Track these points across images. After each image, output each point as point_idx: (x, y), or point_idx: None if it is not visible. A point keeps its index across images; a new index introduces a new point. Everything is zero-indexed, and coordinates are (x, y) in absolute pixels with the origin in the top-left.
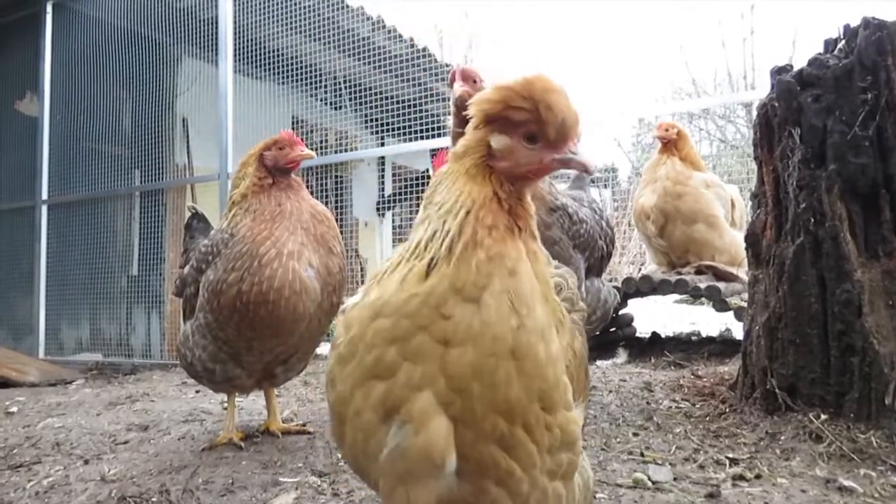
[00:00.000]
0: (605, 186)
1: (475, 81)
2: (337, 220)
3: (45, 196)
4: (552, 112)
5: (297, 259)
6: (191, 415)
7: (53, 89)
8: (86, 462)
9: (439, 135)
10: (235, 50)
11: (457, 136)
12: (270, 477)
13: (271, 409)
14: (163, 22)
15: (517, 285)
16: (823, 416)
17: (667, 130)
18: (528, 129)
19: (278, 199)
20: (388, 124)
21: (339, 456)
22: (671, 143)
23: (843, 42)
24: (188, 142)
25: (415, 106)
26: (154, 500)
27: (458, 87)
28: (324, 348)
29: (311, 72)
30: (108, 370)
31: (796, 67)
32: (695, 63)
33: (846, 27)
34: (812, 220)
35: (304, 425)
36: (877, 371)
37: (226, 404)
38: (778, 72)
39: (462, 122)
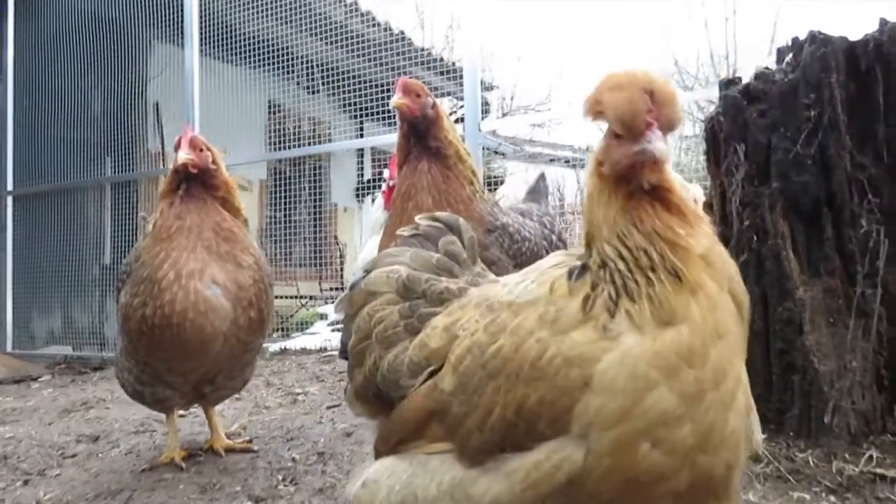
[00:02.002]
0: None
1: (418, 95)
2: (315, 205)
3: (9, 187)
4: (611, 109)
5: (199, 278)
6: (143, 424)
7: (17, 75)
8: (25, 483)
9: None
10: (207, 34)
11: (399, 149)
12: (206, 503)
13: (212, 427)
14: (131, 5)
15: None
16: (763, 436)
17: None
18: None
19: (179, 211)
20: (365, 109)
21: (281, 478)
22: None
23: (791, 56)
24: (161, 127)
25: (393, 91)
26: None
27: (397, 99)
28: (306, 338)
29: (285, 56)
30: (77, 364)
31: (744, 80)
32: (677, 43)
33: (794, 39)
34: (755, 237)
35: (249, 441)
36: (817, 389)
37: (181, 412)
38: (726, 85)
39: (403, 133)
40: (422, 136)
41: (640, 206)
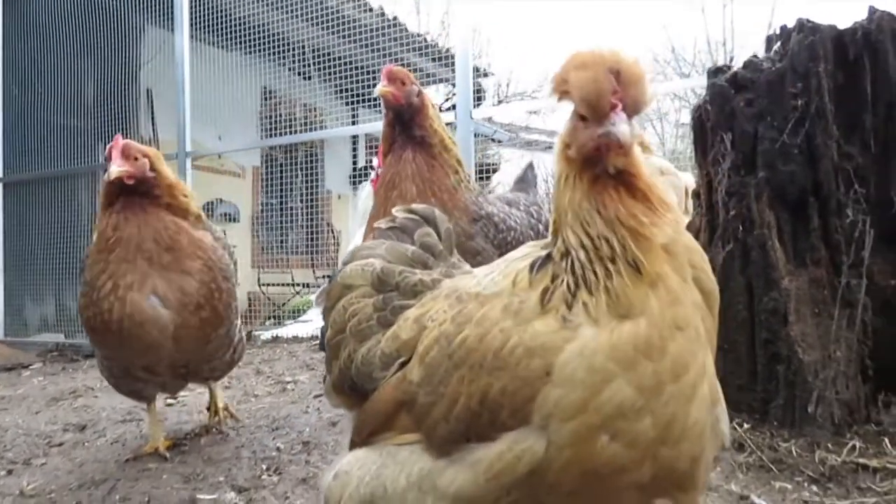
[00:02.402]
0: None
1: (403, 83)
2: (309, 192)
3: (0, 174)
4: (575, 89)
5: (139, 289)
6: (130, 413)
7: (6, 61)
8: (9, 472)
9: None
10: (199, 18)
11: (384, 137)
12: (188, 493)
13: (211, 397)
14: None
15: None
16: (747, 426)
17: None
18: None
19: (116, 222)
20: (359, 95)
21: (265, 468)
22: None
23: (779, 44)
24: (153, 114)
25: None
26: None
27: (382, 87)
28: (305, 327)
29: (278, 42)
30: (69, 351)
31: (733, 69)
32: (675, 30)
33: (783, 28)
34: (741, 227)
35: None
36: (801, 379)
37: (170, 400)
38: (714, 73)
39: (389, 121)
40: (407, 124)
41: (605, 191)
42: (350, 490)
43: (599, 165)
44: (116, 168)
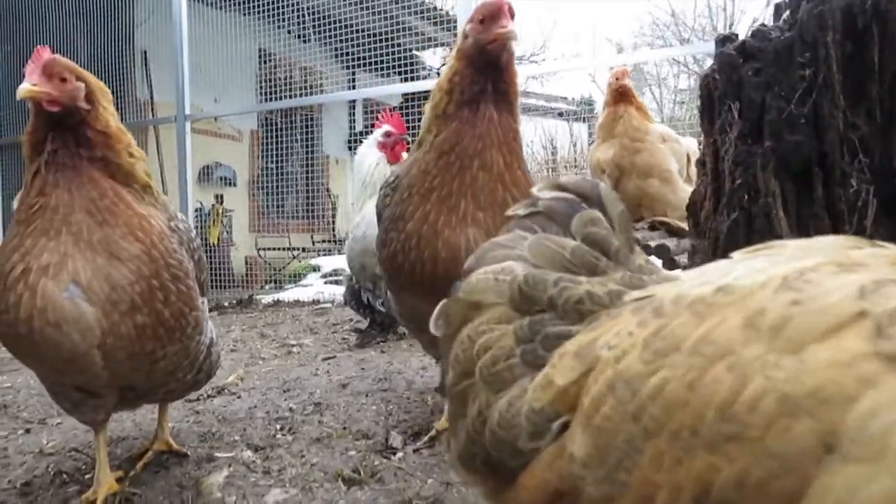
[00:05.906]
0: (578, 120)
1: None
2: (307, 157)
3: None
4: None
5: (55, 276)
6: None
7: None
8: (27, 431)
9: (409, 72)
10: None
11: (458, 77)
12: (206, 452)
13: (160, 422)
14: None
15: None
16: None
17: (617, 79)
18: None
19: (44, 184)
20: (358, 58)
21: (279, 427)
22: (623, 93)
23: (788, 13)
24: (149, 75)
25: (386, 40)
26: (88, 476)
27: (508, 27)
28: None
29: (276, 2)
30: None
31: (741, 37)
32: None
33: None
34: (746, 196)
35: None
36: None
37: None
38: (722, 42)
39: (470, 59)
40: (500, 72)
41: None
42: None
43: None
44: (28, 86)
